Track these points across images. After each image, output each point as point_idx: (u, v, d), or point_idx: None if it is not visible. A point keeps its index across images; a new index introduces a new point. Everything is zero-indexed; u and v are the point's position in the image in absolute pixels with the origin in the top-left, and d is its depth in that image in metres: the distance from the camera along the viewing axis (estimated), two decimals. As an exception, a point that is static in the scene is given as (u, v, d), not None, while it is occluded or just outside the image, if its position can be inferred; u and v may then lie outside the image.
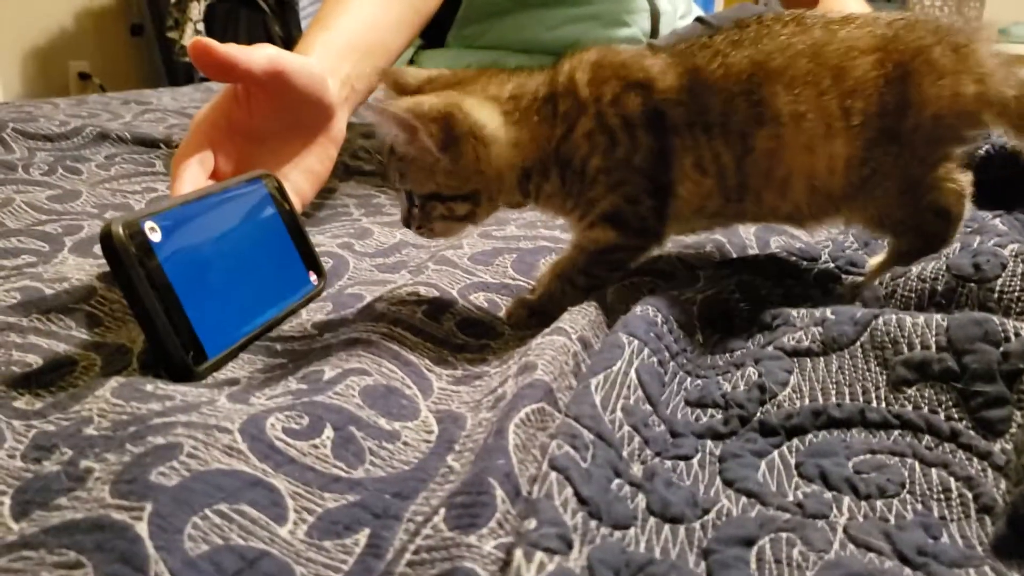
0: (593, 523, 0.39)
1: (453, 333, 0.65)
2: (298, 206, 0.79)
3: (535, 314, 0.68)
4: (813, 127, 0.63)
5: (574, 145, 0.66)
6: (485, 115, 0.66)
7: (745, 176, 0.66)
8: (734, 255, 0.80)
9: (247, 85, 0.80)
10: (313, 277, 0.72)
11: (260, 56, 0.77)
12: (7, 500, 0.42)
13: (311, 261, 0.73)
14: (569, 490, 0.39)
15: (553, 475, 0.40)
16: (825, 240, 0.85)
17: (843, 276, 0.79)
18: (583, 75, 0.67)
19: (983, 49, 0.64)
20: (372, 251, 0.86)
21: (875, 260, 0.75)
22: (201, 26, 3.50)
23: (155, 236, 0.57)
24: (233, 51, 0.76)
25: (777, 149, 0.64)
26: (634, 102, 0.65)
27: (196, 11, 3.47)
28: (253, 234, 0.68)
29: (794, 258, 0.78)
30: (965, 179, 0.67)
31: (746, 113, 0.64)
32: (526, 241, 0.84)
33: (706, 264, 0.76)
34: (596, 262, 0.69)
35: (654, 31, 1.36)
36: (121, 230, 0.54)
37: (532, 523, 0.36)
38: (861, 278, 0.78)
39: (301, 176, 0.83)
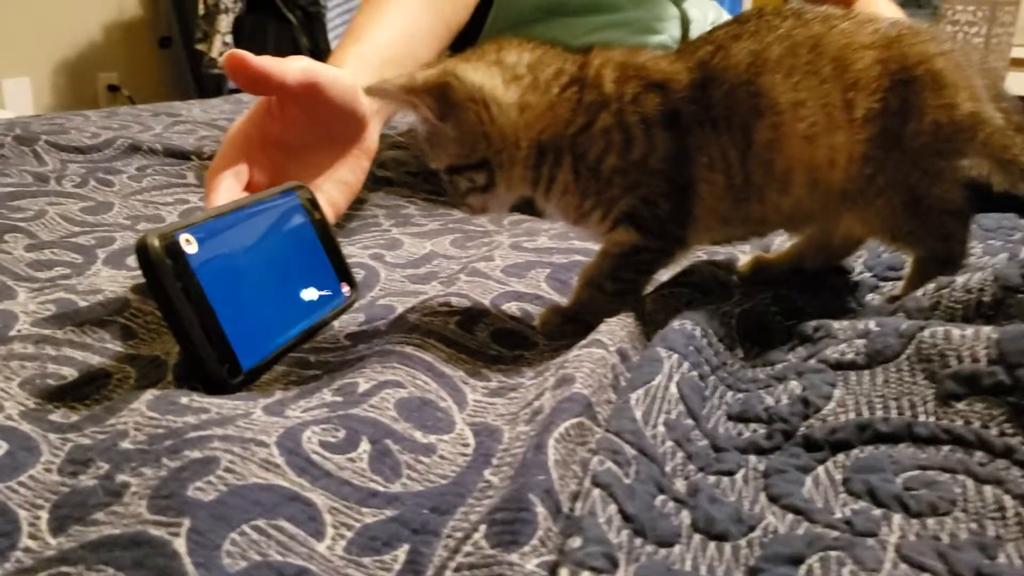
0: (638, 541, 0.38)
1: (487, 344, 0.65)
2: (331, 217, 0.79)
3: (569, 322, 0.67)
4: (813, 115, 0.62)
5: (591, 139, 0.65)
6: (482, 76, 0.65)
7: (749, 172, 0.65)
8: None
9: (281, 97, 0.80)
10: (345, 289, 0.72)
11: (294, 68, 0.77)
12: (44, 514, 0.42)
13: (343, 273, 0.73)
14: (613, 507, 0.38)
15: (596, 492, 0.39)
16: (859, 250, 0.84)
17: (881, 284, 0.78)
18: (610, 72, 0.66)
19: (978, 77, 0.64)
20: (403, 262, 0.85)
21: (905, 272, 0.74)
22: (229, 38, 3.52)
23: (190, 248, 0.56)
24: (267, 63, 0.76)
25: (776, 140, 0.63)
26: (653, 102, 0.64)
27: (224, 23, 3.50)
28: (286, 246, 0.68)
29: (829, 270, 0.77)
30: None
31: (746, 105, 0.63)
32: (559, 255, 0.83)
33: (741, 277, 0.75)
34: (622, 266, 0.68)
35: (684, 38, 1.35)
36: (157, 242, 0.54)
37: (577, 541, 0.35)
38: (900, 283, 0.77)
39: (334, 187, 0.83)
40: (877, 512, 0.42)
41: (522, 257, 0.82)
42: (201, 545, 0.37)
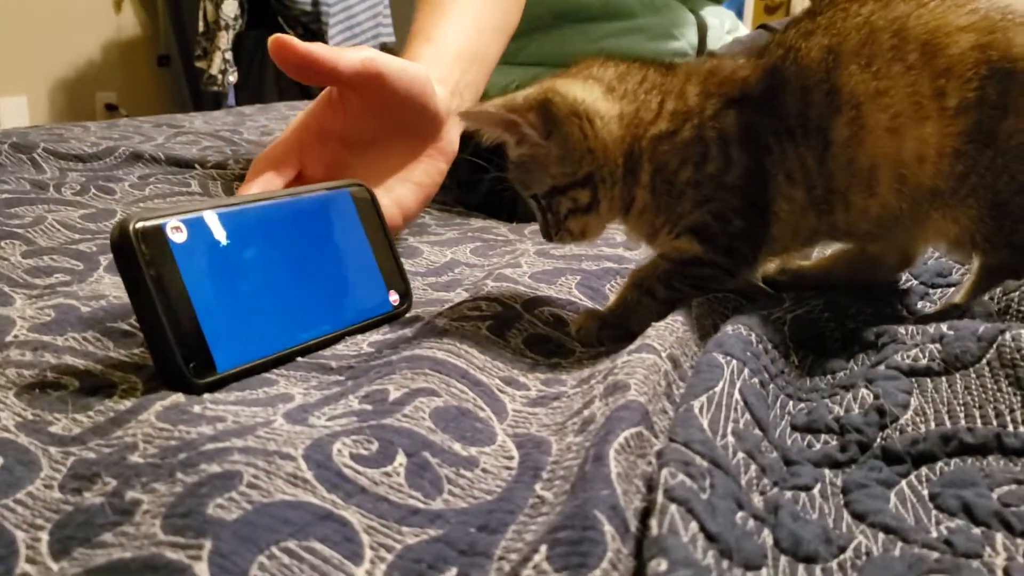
0: (725, 563, 0.33)
1: (521, 351, 0.60)
2: (399, 220, 0.75)
3: (606, 327, 0.63)
4: (897, 105, 0.58)
5: (672, 149, 0.63)
6: (581, 90, 0.64)
7: (829, 178, 0.61)
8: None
9: (341, 88, 0.76)
10: (394, 297, 0.67)
11: (351, 57, 0.73)
12: (45, 536, 0.37)
13: (395, 281, 0.68)
14: (695, 524, 0.34)
15: (673, 508, 0.34)
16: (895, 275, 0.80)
17: (930, 292, 0.74)
18: (694, 85, 0.64)
19: None
20: (423, 270, 0.81)
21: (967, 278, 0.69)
22: (230, 55, 3.49)
23: (178, 236, 0.53)
24: (316, 48, 0.72)
25: (856, 135, 0.59)
26: (731, 118, 0.62)
27: (225, 40, 3.46)
28: (322, 245, 0.63)
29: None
30: None
31: (821, 104, 0.60)
32: (589, 261, 0.79)
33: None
34: (679, 273, 0.64)
35: (701, 44, 1.32)
36: (133, 226, 0.51)
37: (662, 564, 0.31)
38: (950, 289, 0.73)
39: (405, 189, 0.78)
40: (977, 531, 0.38)
41: (550, 264, 0.78)
42: (225, 570, 0.33)
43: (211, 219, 0.55)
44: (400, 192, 0.78)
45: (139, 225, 0.51)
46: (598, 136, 0.63)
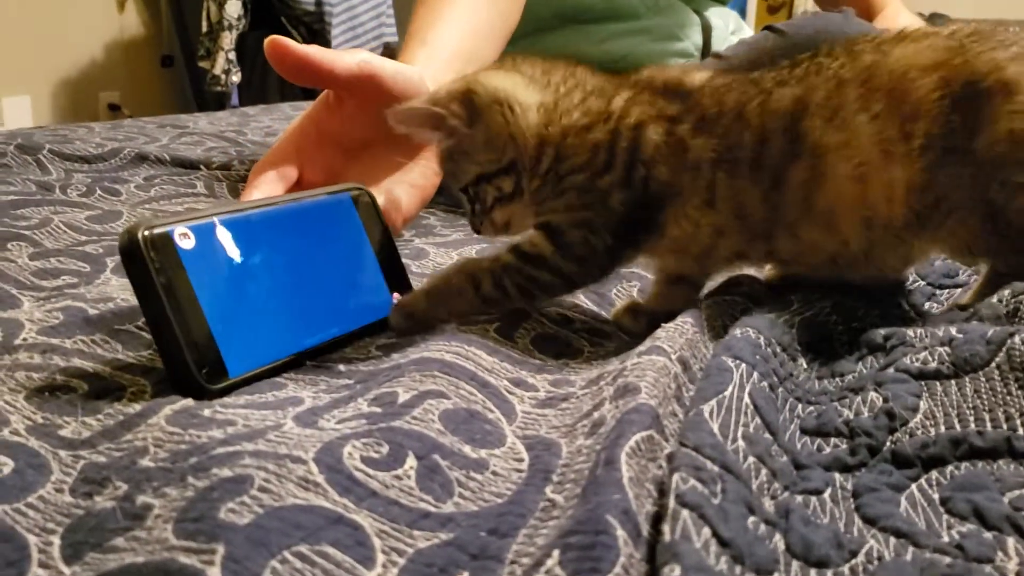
0: (737, 568, 0.33)
1: (529, 351, 0.61)
2: (399, 223, 0.75)
3: (414, 315, 0.64)
4: (861, 155, 0.59)
5: (576, 147, 0.64)
6: (502, 80, 0.66)
7: (774, 210, 0.62)
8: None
9: (337, 91, 0.76)
10: (397, 300, 0.67)
11: (347, 60, 0.73)
12: (56, 540, 0.37)
13: (398, 283, 0.68)
14: (707, 530, 0.34)
15: (685, 513, 0.34)
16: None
17: (937, 292, 0.74)
18: (625, 91, 0.66)
19: None
20: (430, 272, 0.81)
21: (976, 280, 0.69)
22: (233, 55, 3.49)
23: (186, 243, 0.53)
24: (312, 51, 0.72)
25: (813, 179, 0.60)
26: (656, 132, 0.63)
27: (228, 41, 3.46)
28: (325, 250, 0.63)
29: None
30: None
31: (780, 148, 0.61)
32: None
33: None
34: (516, 272, 0.64)
35: (706, 46, 1.32)
36: (141, 233, 0.51)
37: (676, 570, 0.31)
38: (957, 290, 0.73)
39: (403, 191, 0.78)
40: (988, 535, 0.38)
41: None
42: (238, 574, 0.33)
43: (217, 225, 0.56)
44: (398, 194, 0.78)
45: (148, 232, 0.51)
46: (518, 123, 0.65)
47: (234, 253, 0.56)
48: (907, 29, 0.63)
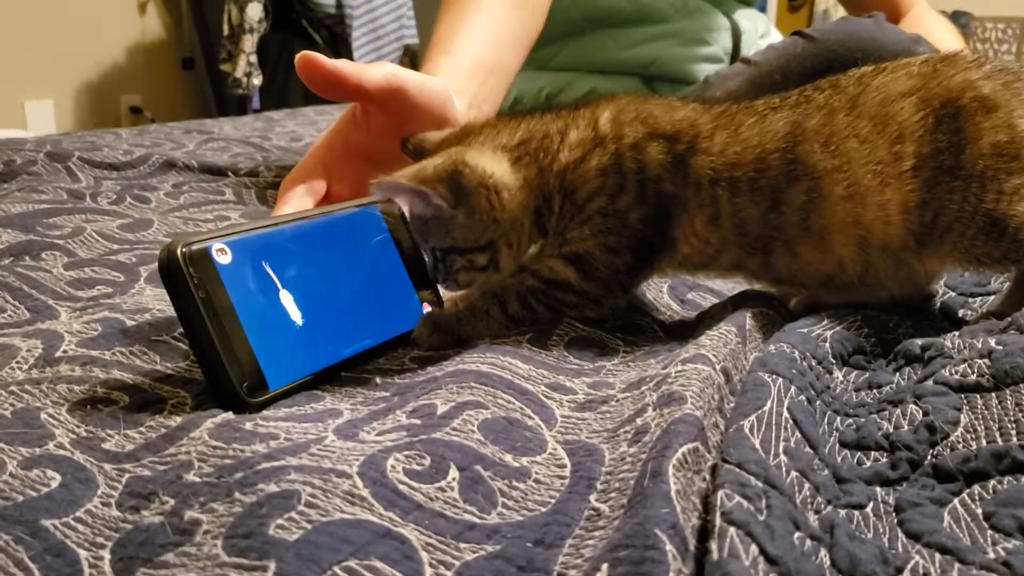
0: (786, 586, 0.33)
1: (564, 357, 0.61)
2: None
3: (438, 331, 0.64)
4: (853, 177, 0.61)
5: (583, 176, 0.65)
6: (489, 162, 0.66)
7: (771, 228, 0.64)
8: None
9: (364, 105, 0.76)
10: (428, 310, 0.68)
11: (375, 73, 0.73)
12: (107, 555, 0.38)
13: (428, 293, 0.69)
14: (754, 548, 0.34)
15: (732, 531, 0.34)
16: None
17: (969, 300, 0.73)
18: (607, 112, 0.67)
19: None
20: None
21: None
22: (254, 58, 3.50)
23: (223, 258, 0.53)
24: (342, 66, 0.72)
25: (812, 201, 0.62)
26: (656, 151, 0.64)
27: (249, 44, 3.47)
28: (356, 261, 0.64)
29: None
30: None
31: (778, 170, 0.63)
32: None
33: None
34: (542, 293, 0.66)
35: (735, 50, 1.31)
36: (180, 249, 0.51)
37: (727, 589, 0.31)
38: (991, 298, 0.73)
39: None
40: (1034, 551, 0.38)
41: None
42: (290, 591, 0.33)
43: (252, 240, 0.56)
44: None
45: (186, 249, 0.51)
46: (505, 207, 0.66)
47: (269, 267, 0.57)
48: (881, 64, 0.66)
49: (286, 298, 0.57)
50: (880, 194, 0.61)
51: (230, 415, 0.49)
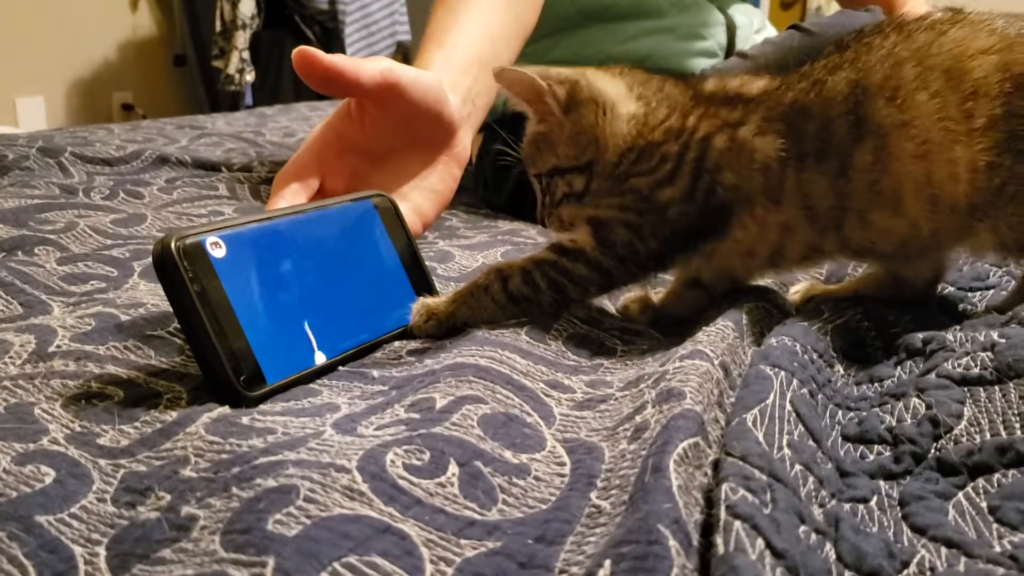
0: (792, 581, 0.33)
1: (563, 353, 0.60)
2: (418, 228, 0.75)
3: (433, 317, 0.64)
4: (924, 133, 0.59)
5: (651, 155, 0.65)
6: (607, 84, 0.67)
7: (843, 197, 0.62)
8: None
9: (359, 100, 0.75)
10: (423, 298, 0.67)
11: (371, 68, 0.73)
12: (102, 551, 0.37)
13: (424, 287, 0.68)
14: (761, 542, 0.33)
15: (738, 524, 0.34)
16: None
17: (968, 295, 0.73)
18: (699, 108, 0.66)
19: None
20: (456, 275, 0.81)
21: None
22: (246, 54, 3.48)
23: (217, 252, 0.53)
24: (339, 61, 0.71)
25: (881, 161, 0.60)
26: (721, 141, 0.64)
27: (241, 40, 3.46)
28: (352, 256, 0.63)
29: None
30: None
31: (843, 133, 0.61)
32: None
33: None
34: (550, 265, 0.65)
35: (730, 45, 1.31)
36: (174, 243, 0.51)
37: (734, 584, 0.31)
38: (990, 292, 0.73)
39: (422, 196, 0.78)
40: (1040, 545, 0.38)
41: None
42: (290, 587, 0.32)
43: (246, 234, 0.56)
44: (417, 200, 0.78)
45: (180, 242, 0.51)
46: (606, 128, 0.66)
47: (264, 261, 0.56)
48: (958, 14, 0.63)
49: (281, 292, 0.56)
50: (950, 151, 0.59)
51: (226, 410, 0.49)
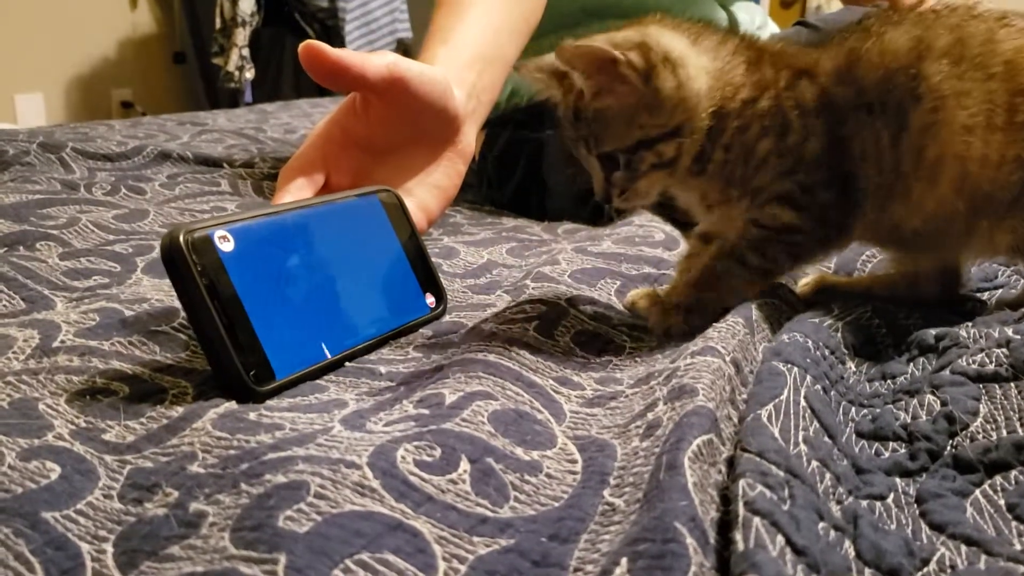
0: (814, 578, 0.32)
1: (571, 350, 0.60)
2: (423, 224, 0.74)
3: (691, 312, 0.62)
4: (974, 108, 0.59)
5: (754, 116, 0.62)
6: (670, 39, 0.62)
7: (898, 160, 0.61)
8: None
9: (364, 94, 0.75)
10: (431, 300, 0.67)
11: (377, 62, 0.72)
12: (109, 548, 0.36)
13: (430, 283, 0.68)
14: (780, 538, 0.33)
15: (757, 520, 0.33)
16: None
17: (977, 292, 0.73)
18: (767, 60, 0.64)
19: None
20: (462, 271, 0.80)
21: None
22: (246, 52, 3.48)
23: (226, 246, 0.52)
24: (346, 55, 0.71)
25: (933, 126, 0.60)
26: (804, 88, 0.62)
27: (242, 37, 3.45)
28: (358, 251, 0.63)
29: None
30: None
31: (904, 88, 0.60)
32: (628, 263, 0.78)
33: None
34: (774, 240, 0.63)
35: (733, 42, 1.30)
36: (183, 236, 0.50)
37: (756, 582, 0.30)
38: (999, 291, 0.72)
39: (427, 192, 0.77)
40: (1061, 543, 0.37)
41: (589, 262, 0.77)
42: (302, 585, 0.32)
43: (253, 227, 0.55)
44: (422, 196, 0.77)
45: (189, 235, 0.50)
46: (690, 84, 0.61)
47: (271, 255, 0.56)
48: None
49: (289, 286, 0.56)
50: (992, 134, 0.59)
51: (233, 405, 0.48)
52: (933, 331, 0.56)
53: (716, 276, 0.64)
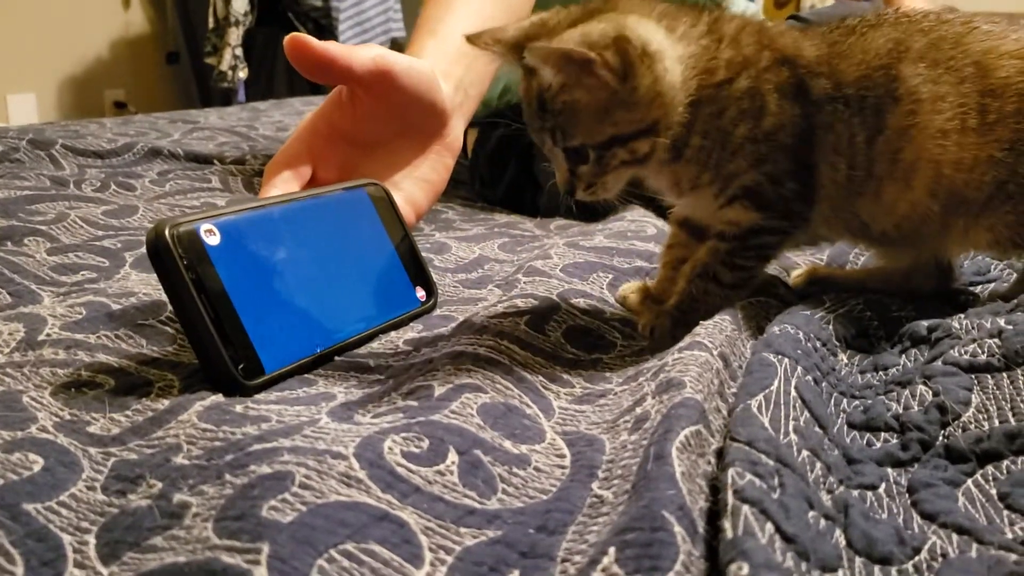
0: (803, 565, 0.32)
1: (562, 345, 0.59)
2: (411, 218, 0.74)
3: (677, 325, 0.61)
4: (949, 111, 0.59)
5: (729, 99, 0.60)
6: (646, 30, 0.58)
7: (872, 160, 0.61)
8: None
9: (351, 87, 0.74)
10: (421, 294, 0.66)
11: (363, 55, 0.71)
12: (92, 539, 0.36)
13: (419, 277, 0.68)
14: (770, 526, 0.33)
15: (746, 508, 0.33)
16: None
17: (970, 288, 0.72)
18: (749, 36, 0.62)
19: None
20: (453, 266, 0.80)
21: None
22: (239, 51, 3.47)
23: (212, 239, 0.52)
24: (332, 48, 0.70)
25: (909, 129, 0.60)
26: (785, 74, 0.61)
27: (235, 36, 3.44)
28: (346, 245, 0.63)
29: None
30: None
31: (882, 87, 0.60)
32: (620, 257, 0.78)
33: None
34: (739, 250, 0.63)
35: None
36: (168, 230, 0.50)
37: (744, 568, 0.30)
38: (991, 285, 0.72)
39: (414, 186, 0.77)
40: (1053, 532, 0.37)
41: (581, 256, 0.77)
42: (285, 574, 0.31)
43: (240, 221, 0.55)
44: (410, 189, 0.77)
45: (174, 229, 0.50)
46: (666, 80, 0.58)
47: (259, 249, 0.55)
48: (994, 16, 0.63)
49: (277, 280, 0.55)
50: (965, 136, 0.59)
51: (219, 398, 0.48)
52: (925, 322, 0.56)
53: (694, 299, 0.63)
